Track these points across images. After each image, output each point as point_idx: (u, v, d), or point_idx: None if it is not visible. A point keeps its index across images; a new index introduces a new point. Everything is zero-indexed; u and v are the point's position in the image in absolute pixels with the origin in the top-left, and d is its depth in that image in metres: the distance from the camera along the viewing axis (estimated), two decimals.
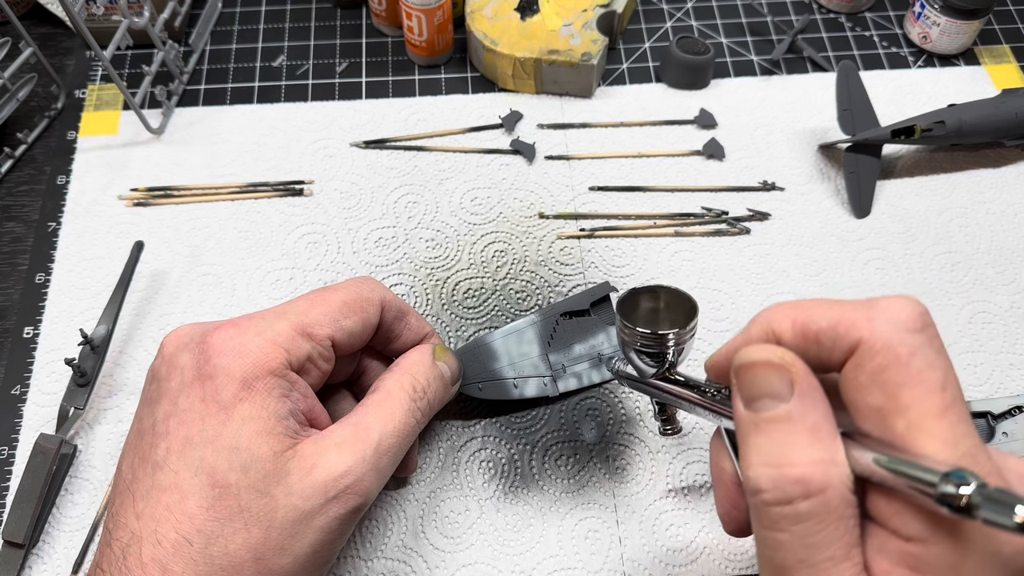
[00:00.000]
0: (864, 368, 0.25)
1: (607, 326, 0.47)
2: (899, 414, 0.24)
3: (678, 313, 0.36)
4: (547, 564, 0.42)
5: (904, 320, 0.25)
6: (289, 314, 0.35)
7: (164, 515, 0.30)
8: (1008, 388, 0.48)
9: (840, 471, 0.24)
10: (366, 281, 0.38)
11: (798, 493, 0.23)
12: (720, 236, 0.54)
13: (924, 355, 0.24)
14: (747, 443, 0.25)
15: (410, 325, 0.40)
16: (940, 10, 0.60)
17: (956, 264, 0.53)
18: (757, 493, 0.24)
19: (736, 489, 0.33)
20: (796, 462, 0.24)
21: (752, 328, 0.28)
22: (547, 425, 0.46)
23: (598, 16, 0.59)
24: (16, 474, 0.45)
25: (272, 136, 0.58)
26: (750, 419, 0.25)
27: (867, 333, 0.25)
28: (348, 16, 0.65)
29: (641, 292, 0.37)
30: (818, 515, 0.23)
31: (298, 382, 0.34)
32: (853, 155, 0.55)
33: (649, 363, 0.36)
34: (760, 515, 0.25)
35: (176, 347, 0.34)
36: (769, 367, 0.25)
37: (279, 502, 0.31)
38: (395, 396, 0.36)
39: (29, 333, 0.49)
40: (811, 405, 0.25)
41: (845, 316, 0.25)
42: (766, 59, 0.63)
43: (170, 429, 0.32)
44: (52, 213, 0.54)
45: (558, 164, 0.57)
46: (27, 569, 0.42)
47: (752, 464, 0.25)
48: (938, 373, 0.24)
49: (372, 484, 0.33)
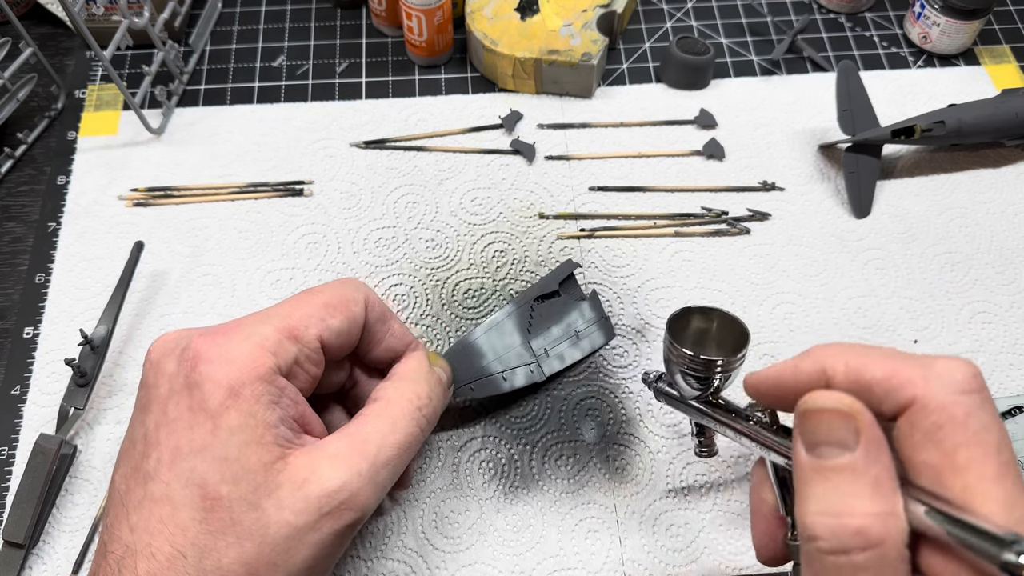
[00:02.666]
0: (919, 426, 0.25)
1: (577, 302, 0.47)
2: (956, 474, 0.24)
3: (728, 337, 0.36)
4: (547, 564, 0.42)
5: (960, 381, 0.25)
6: (273, 318, 0.34)
7: (157, 528, 0.30)
8: (1008, 388, 0.48)
9: (899, 524, 0.24)
10: (349, 281, 0.38)
11: (856, 545, 0.23)
12: (720, 236, 0.54)
13: (979, 417, 0.24)
14: (806, 489, 0.25)
15: (393, 331, 0.39)
16: (940, 10, 0.60)
17: (956, 264, 0.53)
18: (813, 540, 0.24)
19: (776, 521, 0.33)
20: (857, 513, 0.24)
21: (804, 362, 0.28)
22: (547, 425, 0.46)
23: (598, 16, 0.59)
24: (16, 474, 0.45)
25: (272, 136, 0.58)
26: (812, 465, 0.25)
27: (922, 391, 0.25)
28: (348, 16, 0.65)
29: (693, 312, 0.37)
30: (874, 568, 0.23)
31: (287, 387, 0.33)
32: (853, 155, 0.55)
33: (694, 386, 0.36)
34: (813, 562, 0.25)
35: (162, 353, 0.33)
36: (836, 415, 0.25)
37: (271, 516, 0.30)
38: (396, 405, 0.35)
39: (29, 333, 0.49)
40: (875, 457, 0.25)
41: (901, 371, 0.26)
42: (766, 59, 0.63)
43: (160, 439, 0.31)
44: (52, 213, 0.54)
45: (558, 164, 0.57)
46: (27, 569, 0.42)
47: (809, 511, 0.25)
48: (994, 435, 0.24)
49: (369, 499, 0.32)
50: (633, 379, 0.48)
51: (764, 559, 0.34)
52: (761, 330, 0.50)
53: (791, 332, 0.50)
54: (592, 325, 0.47)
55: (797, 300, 0.51)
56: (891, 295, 0.51)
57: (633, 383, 0.48)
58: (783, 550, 0.33)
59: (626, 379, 0.48)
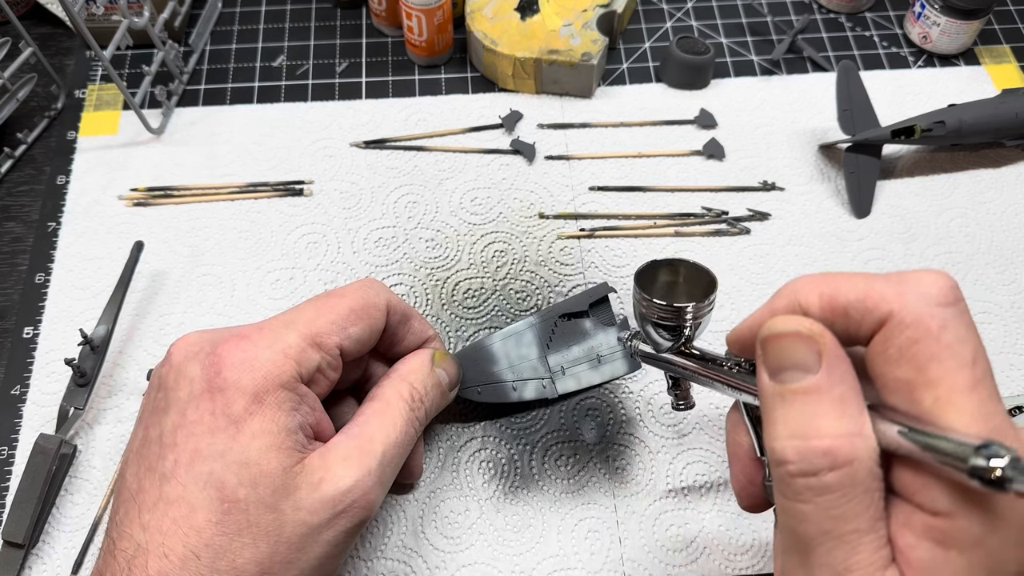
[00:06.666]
0: (893, 341, 0.24)
1: (606, 327, 0.47)
2: (928, 387, 0.23)
3: (696, 287, 0.36)
4: (547, 564, 0.42)
5: (935, 294, 0.24)
6: (298, 324, 0.34)
7: (171, 528, 0.30)
8: (1008, 388, 0.48)
9: (867, 443, 0.23)
10: (371, 285, 0.38)
11: (824, 465, 0.23)
12: (720, 236, 0.54)
13: (955, 329, 0.24)
14: (772, 415, 0.25)
15: (413, 329, 0.40)
16: (940, 10, 0.60)
17: (956, 264, 0.53)
18: (782, 464, 0.24)
19: (753, 464, 0.33)
20: (823, 434, 0.23)
21: (777, 300, 0.28)
22: (547, 425, 0.46)
23: (598, 16, 0.59)
24: (16, 474, 0.45)
25: (272, 136, 0.58)
26: (776, 390, 0.25)
27: (897, 306, 0.24)
28: (348, 16, 0.65)
29: (660, 265, 0.37)
30: (844, 487, 0.23)
31: (308, 395, 0.34)
32: (853, 155, 0.55)
33: (666, 336, 0.36)
34: (784, 486, 0.24)
35: (185, 356, 0.33)
36: (797, 338, 0.25)
37: (287, 517, 0.31)
38: (394, 406, 0.36)
39: (29, 333, 0.49)
40: (839, 377, 0.24)
41: (875, 289, 0.25)
42: (766, 59, 0.63)
43: (178, 441, 0.31)
44: (52, 213, 0.54)
45: (558, 164, 0.57)
46: (27, 569, 0.42)
47: (777, 436, 0.24)
48: (969, 347, 0.24)
49: (377, 497, 0.34)
50: (633, 379, 0.48)
51: (745, 505, 0.33)
52: None
53: None
54: (616, 352, 0.46)
55: None
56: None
57: (633, 383, 0.48)
58: (762, 494, 0.32)
59: (627, 379, 0.48)
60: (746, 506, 0.33)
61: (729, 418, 0.34)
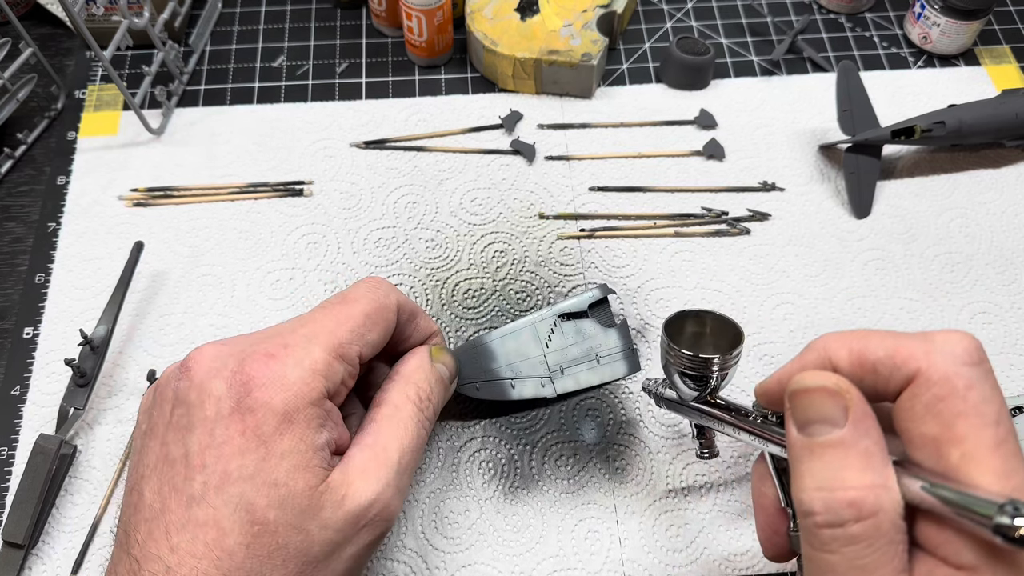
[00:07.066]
0: (920, 398, 0.25)
1: (604, 328, 0.47)
2: (954, 444, 0.24)
3: (723, 339, 0.37)
4: (547, 564, 0.42)
5: (961, 353, 0.25)
6: (320, 337, 0.34)
7: (203, 552, 0.30)
8: (1008, 388, 0.48)
9: (891, 496, 0.24)
10: (379, 285, 0.37)
11: (850, 516, 0.24)
12: (720, 236, 0.54)
13: (981, 389, 0.25)
14: (800, 467, 0.26)
15: (419, 326, 0.40)
16: (940, 11, 0.60)
17: (956, 264, 0.53)
18: (810, 515, 0.25)
19: (778, 514, 0.33)
20: (849, 486, 0.24)
21: (808, 355, 0.29)
22: (547, 425, 0.46)
23: (598, 16, 0.59)
24: (16, 474, 0.45)
25: (272, 136, 0.58)
26: (803, 443, 0.26)
27: (925, 364, 0.25)
28: (348, 16, 0.65)
29: (688, 315, 0.38)
30: (869, 538, 0.24)
31: (332, 410, 0.34)
32: (853, 155, 0.55)
33: (692, 386, 0.37)
34: (811, 537, 0.25)
35: (208, 373, 0.32)
36: (824, 393, 0.26)
37: (315, 537, 0.31)
38: (403, 409, 0.36)
39: (29, 333, 0.49)
40: (864, 431, 0.25)
41: (903, 347, 0.26)
42: (766, 59, 0.63)
43: (207, 462, 0.31)
44: (52, 213, 0.54)
45: (558, 164, 0.57)
46: (27, 569, 0.42)
47: (805, 487, 0.25)
48: (994, 407, 0.25)
49: (397, 507, 0.34)
50: (633, 379, 0.48)
51: (770, 555, 0.34)
52: (761, 330, 0.50)
53: (791, 332, 0.50)
54: (616, 354, 0.47)
55: (797, 300, 0.51)
56: (891, 295, 0.51)
57: (633, 383, 0.48)
58: (787, 544, 0.33)
59: (627, 380, 0.48)
60: (771, 556, 0.34)
61: (755, 470, 0.35)
